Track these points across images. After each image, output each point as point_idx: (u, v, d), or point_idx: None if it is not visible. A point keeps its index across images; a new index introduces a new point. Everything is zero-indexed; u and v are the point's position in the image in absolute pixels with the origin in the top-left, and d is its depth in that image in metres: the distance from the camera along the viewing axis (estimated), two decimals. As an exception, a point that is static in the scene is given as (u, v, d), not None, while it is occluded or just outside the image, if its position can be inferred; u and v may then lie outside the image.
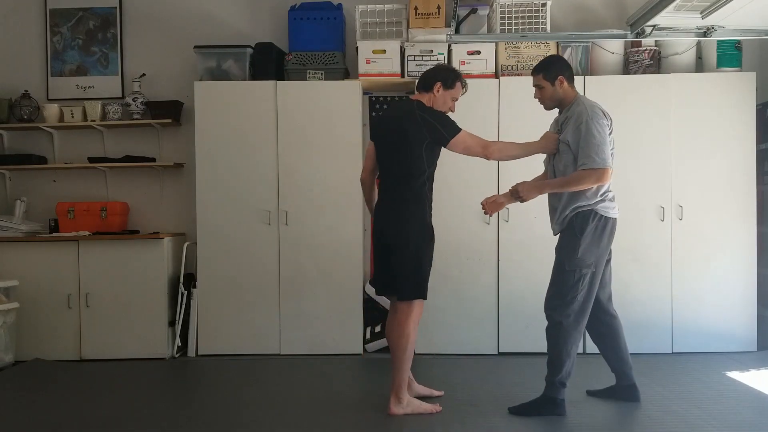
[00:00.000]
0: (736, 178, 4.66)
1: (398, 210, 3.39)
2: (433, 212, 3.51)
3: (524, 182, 3.43)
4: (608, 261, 3.50)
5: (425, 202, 3.41)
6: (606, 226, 3.35)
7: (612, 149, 3.35)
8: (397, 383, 3.39)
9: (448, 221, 4.54)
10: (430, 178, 3.42)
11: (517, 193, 3.41)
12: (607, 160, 3.24)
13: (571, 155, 3.33)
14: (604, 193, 3.36)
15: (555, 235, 3.50)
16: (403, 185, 3.38)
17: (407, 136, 3.36)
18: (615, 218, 3.39)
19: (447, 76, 3.46)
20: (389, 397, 3.42)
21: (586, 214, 3.32)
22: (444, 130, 3.34)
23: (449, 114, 3.49)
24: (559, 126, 3.45)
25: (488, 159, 3.45)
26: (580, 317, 3.34)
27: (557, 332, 3.32)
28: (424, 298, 3.43)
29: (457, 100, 3.52)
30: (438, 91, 3.44)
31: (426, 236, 3.41)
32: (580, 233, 3.30)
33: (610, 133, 3.34)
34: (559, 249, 3.41)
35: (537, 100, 3.52)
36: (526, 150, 3.47)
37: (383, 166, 3.50)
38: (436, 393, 3.64)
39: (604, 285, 3.50)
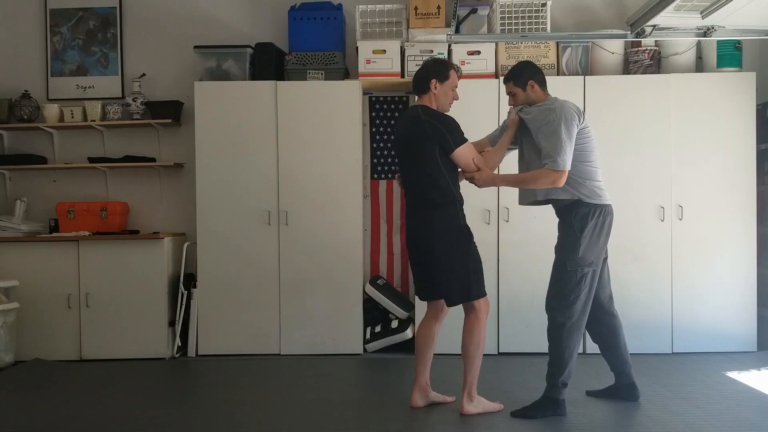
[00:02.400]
0: (736, 178, 4.66)
1: (427, 216, 3.35)
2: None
3: (483, 171, 3.39)
4: (605, 260, 3.51)
5: (456, 204, 3.37)
6: (605, 223, 3.36)
7: (586, 142, 3.35)
8: (469, 382, 3.39)
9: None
10: (455, 180, 3.38)
11: (473, 181, 3.42)
12: (567, 163, 3.24)
13: (536, 150, 3.35)
14: (592, 182, 3.37)
15: (522, 204, 3.56)
16: (428, 192, 3.34)
17: (418, 142, 3.34)
18: (612, 214, 3.39)
19: (438, 70, 3.41)
20: (461, 397, 3.42)
21: (584, 213, 3.33)
22: (450, 138, 3.31)
23: (454, 102, 3.47)
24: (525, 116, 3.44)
25: (473, 180, 3.43)
26: (582, 317, 3.34)
27: (560, 333, 3.32)
28: (478, 297, 3.39)
29: (456, 87, 3.47)
30: (435, 87, 3.39)
31: (461, 238, 3.35)
32: (580, 232, 3.31)
33: (584, 128, 3.34)
34: (560, 249, 3.41)
35: (511, 107, 3.54)
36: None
37: (407, 175, 3.46)
38: (449, 399, 3.62)
39: (603, 285, 3.50)
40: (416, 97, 3.52)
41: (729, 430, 3.15)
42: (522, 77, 3.42)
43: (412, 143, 3.37)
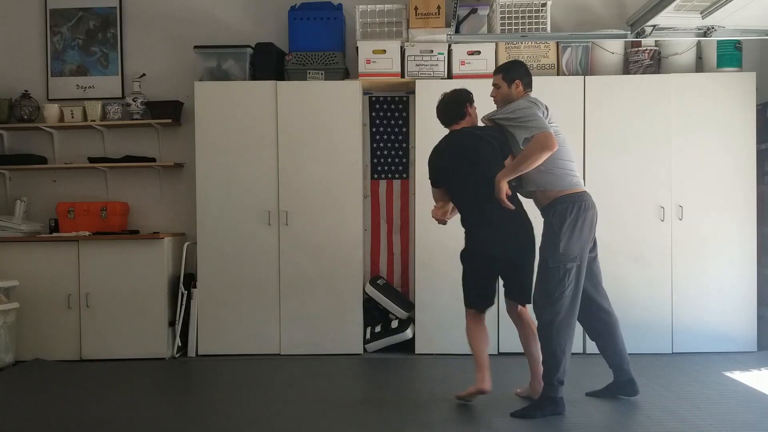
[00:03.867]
0: (736, 178, 4.66)
1: (520, 225, 3.44)
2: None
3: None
4: (595, 257, 3.51)
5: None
6: (585, 217, 3.36)
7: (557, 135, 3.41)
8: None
9: (448, 222, 4.53)
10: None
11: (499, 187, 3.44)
12: (545, 126, 3.30)
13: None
14: (566, 168, 3.42)
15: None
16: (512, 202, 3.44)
17: (489, 160, 3.44)
18: (593, 208, 3.40)
19: (469, 95, 3.64)
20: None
21: (562, 209, 3.34)
22: (512, 146, 3.47)
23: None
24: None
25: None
26: (571, 313, 3.35)
27: (549, 331, 3.33)
28: None
29: None
30: (472, 110, 3.62)
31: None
32: (559, 228, 3.33)
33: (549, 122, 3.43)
34: (542, 247, 3.42)
35: (492, 98, 3.63)
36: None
37: (479, 196, 3.48)
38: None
39: (595, 282, 3.51)
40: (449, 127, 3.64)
41: (729, 430, 3.15)
42: (511, 74, 3.54)
43: (482, 161, 3.46)
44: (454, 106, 3.62)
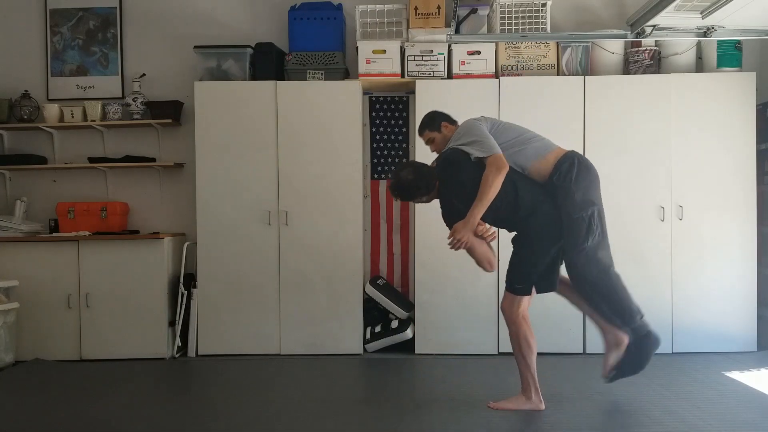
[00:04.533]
0: (736, 178, 4.66)
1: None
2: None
3: (458, 223, 3.41)
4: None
5: None
6: (588, 165, 3.46)
7: (506, 132, 3.49)
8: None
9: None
10: None
11: (456, 237, 3.40)
12: (493, 148, 3.36)
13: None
14: (533, 134, 3.53)
15: None
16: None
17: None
18: (584, 158, 3.50)
19: (425, 166, 3.60)
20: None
21: (567, 167, 3.40)
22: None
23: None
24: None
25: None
26: (608, 254, 3.41)
27: (606, 279, 3.38)
28: None
29: None
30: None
31: None
32: (570, 182, 3.38)
33: (495, 124, 3.53)
34: (561, 206, 3.42)
35: (434, 152, 3.72)
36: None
37: (527, 201, 3.48)
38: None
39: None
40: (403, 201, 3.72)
41: (729, 430, 3.15)
42: (436, 122, 3.67)
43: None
44: (423, 178, 3.43)
